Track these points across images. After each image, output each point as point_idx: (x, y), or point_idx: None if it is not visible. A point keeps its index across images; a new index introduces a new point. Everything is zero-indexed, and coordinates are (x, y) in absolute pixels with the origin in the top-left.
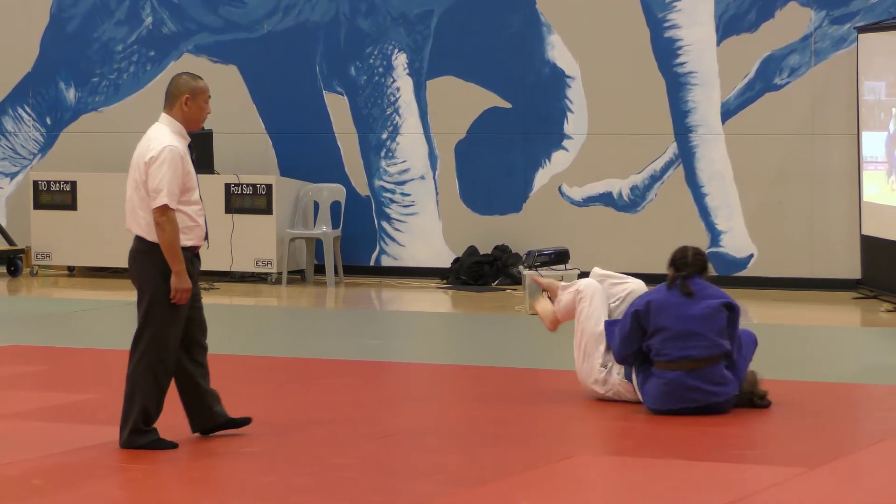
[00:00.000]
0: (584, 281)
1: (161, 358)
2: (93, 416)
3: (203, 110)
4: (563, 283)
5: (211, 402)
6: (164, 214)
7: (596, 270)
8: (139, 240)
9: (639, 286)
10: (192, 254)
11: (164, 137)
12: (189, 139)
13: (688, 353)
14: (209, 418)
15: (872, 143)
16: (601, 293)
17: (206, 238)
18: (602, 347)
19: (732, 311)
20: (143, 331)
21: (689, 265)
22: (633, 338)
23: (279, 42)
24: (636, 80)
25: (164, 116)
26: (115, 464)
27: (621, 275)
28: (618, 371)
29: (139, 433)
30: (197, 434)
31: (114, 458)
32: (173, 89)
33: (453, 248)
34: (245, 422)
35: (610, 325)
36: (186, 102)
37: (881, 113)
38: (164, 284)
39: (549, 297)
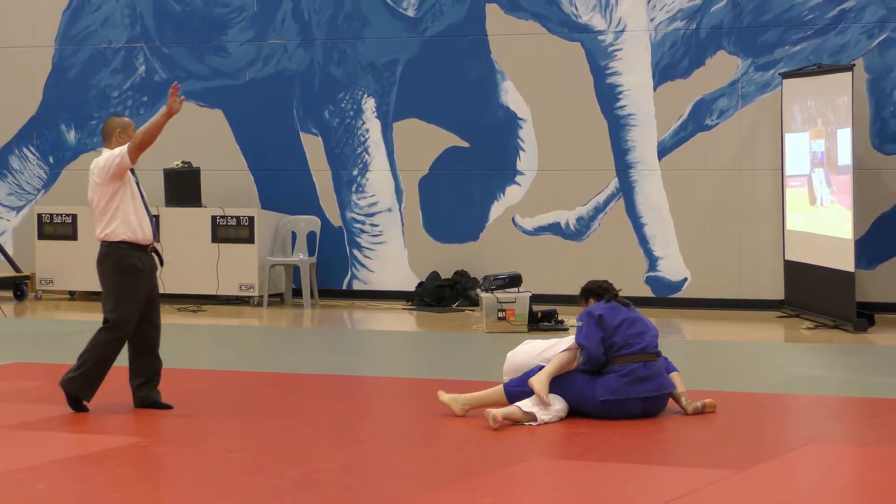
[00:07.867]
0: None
1: (114, 336)
2: (90, 426)
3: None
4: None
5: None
6: (129, 155)
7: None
8: (101, 244)
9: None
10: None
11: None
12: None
13: (644, 345)
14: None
15: (795, 164)
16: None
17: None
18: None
19: None
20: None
21: (612, 289)
22: (596, 334)
23: (260, 88)
24: (581, 121)
25: (104, 151)
26: (112, 468)
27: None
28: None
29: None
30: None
31: (111, 462)
32: (107, 129)
33: (417, 273)
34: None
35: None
36: (120, 135)
37: (802, 144)
38: (117, 277)
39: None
